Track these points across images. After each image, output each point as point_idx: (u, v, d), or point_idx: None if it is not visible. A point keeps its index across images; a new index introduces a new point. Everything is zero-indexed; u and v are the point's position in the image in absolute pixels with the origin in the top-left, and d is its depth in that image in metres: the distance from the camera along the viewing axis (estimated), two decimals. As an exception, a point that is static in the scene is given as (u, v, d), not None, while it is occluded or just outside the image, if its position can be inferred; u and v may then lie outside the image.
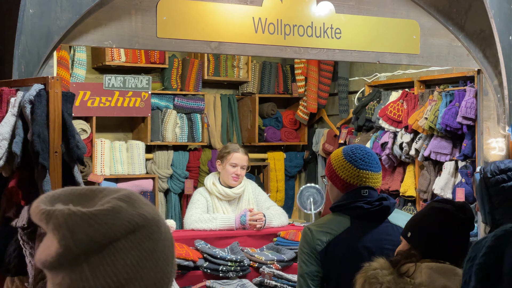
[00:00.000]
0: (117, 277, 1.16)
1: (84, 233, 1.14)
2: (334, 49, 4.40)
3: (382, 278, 2.06)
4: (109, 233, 1.16)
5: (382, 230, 2.94)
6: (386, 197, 2.99)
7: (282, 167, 7.50)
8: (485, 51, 4.79)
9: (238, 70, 7.18)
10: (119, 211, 1.18)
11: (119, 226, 1.17)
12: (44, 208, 1.17)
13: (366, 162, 2.99)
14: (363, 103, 6.46)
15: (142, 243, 1.19)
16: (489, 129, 5.00)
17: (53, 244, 1.15)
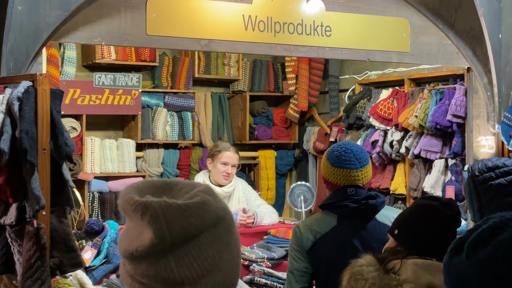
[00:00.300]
0: (200, 268, 1.19)
1: (179, 225, 1.18)
2: (324, 47, 4.40)
3: (367, 274, 2.06)
4: (200, 225, 1.20)
5: (369, 228, 2.95)
6: (374, 195, 2.99)
7: (273, 165, 7.50)
8: (475, 49, 4.80)
9: (229, 68, 7.17)
10: (208, 204, 1.22)
11: (207, 219, 1.21)
12: (139, 199, 1.21)
13: (342, 160, 3.00)
14: (353, 101, 6.47)
15: (222, 236, 1.24)
16: (479, 127, 5.01)
17: (146, 234, 1.18)
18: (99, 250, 4.09)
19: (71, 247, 2.99)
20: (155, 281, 1.19)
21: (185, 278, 1.19)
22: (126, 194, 1.25)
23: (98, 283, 3.92)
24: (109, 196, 6.40)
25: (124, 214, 1.25)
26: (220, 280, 1.23)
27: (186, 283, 1.19)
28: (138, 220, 1.20)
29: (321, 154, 7.24)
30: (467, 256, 1.41)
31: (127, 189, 1.27)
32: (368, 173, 3.05)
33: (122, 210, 1.25)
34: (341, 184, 2.99)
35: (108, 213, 6.34)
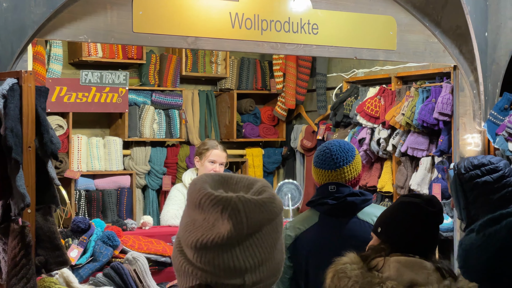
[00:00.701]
0: (260, 257, 1.32)
1: (256, 218, 1.31)
2: (311, 45, 4.40)
3: (351, 272, 2.07)
4: (269, 218, 1.33)
5: (349, 226, 2.96)
6: (358, 193, 2.99)
7: (260, 163, 7.50)
8: (461, 47, 4.82)
9: (216, 66, 7.16)
10: (275, 199, 1.35)
11: (274, 212, 1.35)
12: (219, 194, 1.31)
13: (321, 160, 3.03)
14: (341, 99, 6.48)
15: (278, 227, 1.37)
16: (465, 125, 5.03)
17: (224, 226, 1.29)
18: (85, 248, 4.07)
19: (57, 245, 2.98)
20: (219, 269, 1.29)
21: (248, 266, 1.30)
22: (201, 189, 1.33)
23: (85, 281, 3.90)
24: (96, 194, 6.37)
25: (196, 207, 1.33)
26: (273, 267, 1.36)
27: (248, 271, 1.31)
28: (215, 213, 1.30)
29: (308, 152, 7.25)
30: (477, 233, 1.53)
31: (199, 184, 1.35)
32: (347, 172, 3.03)
33: (197, 204, 1.32)
34: (321, 183, 3.03)
35: (95, 211, 6.32)
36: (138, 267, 3.92)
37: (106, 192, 6.42)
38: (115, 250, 4.13)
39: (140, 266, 3.94)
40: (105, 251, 4.06)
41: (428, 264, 2.11)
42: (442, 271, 2.10)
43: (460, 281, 2.08)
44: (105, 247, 4.08)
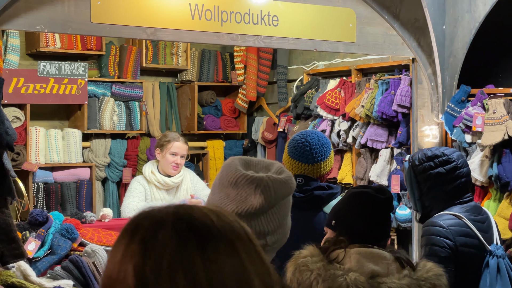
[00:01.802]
0: (277, 223, 1.72)
1: (280, 194, 1.72)
2: (272, 37, 4.40)
3: (312, 265, 2.08)
4: (288, 193, 1.75)
5: (314, 219, 2.97)
6: (325, 187, 3.00)
7: (221, 155, 7.49)
8: (419, 40, 4.87)
9: (177, 58, 7.12)
10: (291, 177, 1.77)
11: (292, 188, 1.76)
12: (252, 175, 1.71)
13: (298, 153, 3.01)
14: (301, 91, 6.50)
15: (289, 201, 1.80)
16: (423, 117, 5.10)
17: (257, 199, 1.67)
18: (43, 242, 4.02)
19: (13, 237, 2.94)
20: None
21: (269, 229, 1.71)
22: (236, 171, 1.71)
23: (42, 274, 3.85)
24: (55, 187, 6.29)
25: (231, 184, 1.70)
26: (285, 230, 1.79)
27: (269, 233, 1.71)
28: (249, 189, 1.68)
29: (269, 144, 7.26)
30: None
31: (233, 167, 1.73)
32: (323, 167, 3.05)
33: (233, 182, 1.69)
34: (295, 174, 3.01)
35: (54, 204, 6.24)
36: (97, 260, 3.88)
37: (65, 185, 6.35)
38: (73, 243, 4.08)
39: (99, 258, 3.90)
40: (64, 244, 4.01)
41: (387, 255, 2.13)
42: (401, 261, 2.13)
43: (418, 270, 2.11)
44: (64, 240, 4.03)
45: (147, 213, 1.07)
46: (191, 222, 1.02)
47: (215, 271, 0.98)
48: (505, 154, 4.72)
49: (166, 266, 0.97)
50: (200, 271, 0.97)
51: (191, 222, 1.02)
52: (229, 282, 0.99)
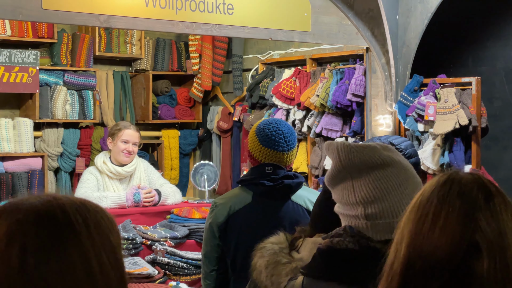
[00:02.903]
0: (369, 194, 1.73)
1: (347, 158, 1.76)
2: (227, 25, 4.38)
3: (267, 251, 2.08)
4: (365, 161, 1.75)
5: (282, 208, 2.97)
6: (292, 176, 3.00)
7: (176, 145, 7.45)
8: (373, 29, 4.91)
9: (131, 47, 7.04)
10: (374, 149, 1.78)
11: (372, 158, 1.76)
12: (329, 141, 1.84)
13: (272, 141, 2.98)
14: (256, 81, 6.50)
15: (390, 177, 1.75)
16: (377, 106, 5.15)
17: (334, 164, 1.79)
18: (-6, 233, 3.94)
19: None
20: (340, 202, 1.79)
21: (359, 200, 1.74)
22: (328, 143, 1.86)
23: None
24: (5, 177, 6.17)
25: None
26: (386, 207, 1.73)
27: (360, 204, 1.74)
28: (332, 155, 1.81)
29: (224, 133, 7.25)
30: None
31: (339, 142, 1.85)
32: (293, 155, 3.06)
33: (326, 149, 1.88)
34: (265, 162, 2.98)
35: (4, 195, 6.12)
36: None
37: (16, 175, 6.23)
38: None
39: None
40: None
41: None
42: None
43: None
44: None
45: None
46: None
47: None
48: (456, 143, 4.80)
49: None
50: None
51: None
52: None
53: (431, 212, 1.26)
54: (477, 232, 1.20)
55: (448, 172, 1.33)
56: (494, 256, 1.18)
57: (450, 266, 1.20)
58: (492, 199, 1.23)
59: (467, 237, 1.20)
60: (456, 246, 1.20)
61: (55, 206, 1.06)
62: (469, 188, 1.26)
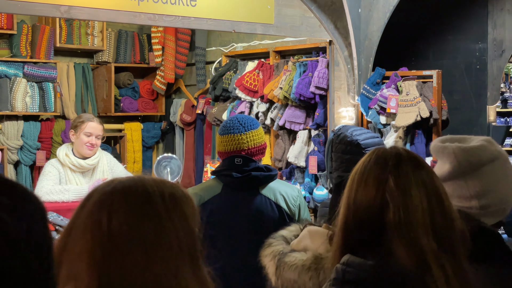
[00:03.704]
0: (482, 188, 1.91)
1: (466, 160, 1.90)
2: (190, 17, 4.36)
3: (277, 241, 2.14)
4: (478, 160, 1.91)
5: (250, 199, 2.98)
6: (263, 168, 3.01)
7: (139, 137, 7.40)
8: (336, 22, 4.93)
9: (93, 38, 6.96)
10: (484, 147, 1.94)
11: (484, 156, 1.92)
12: (440, 145, 1.97)
13: (227, 127, 3.04)
14: (220, 73, 6.48)
15: (498, 169, 1.94)
16: (340, 99, 5.18)
17: (446, 166, 1.93)
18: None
19: None
20: (451, 196, 1.75)
21: (473, 194, 1.91)
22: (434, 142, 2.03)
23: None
24: (-36, 171, 6.06)
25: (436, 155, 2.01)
26: (497, 196, 1.92)
27: (473, 198, 1.91)
28: (442, 157, 1.96)
29: (188, 126, 7.22)
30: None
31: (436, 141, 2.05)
32: (254, 136, 3.06)
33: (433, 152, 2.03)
34: (228, 151, 3.02)
35: (-37, 189, 6.00)
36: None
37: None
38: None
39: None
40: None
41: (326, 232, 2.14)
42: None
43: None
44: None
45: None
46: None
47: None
48: (418, 135, 4.86)
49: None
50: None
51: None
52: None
53: (356, 179, 1.63)
54: (386, 191, 1.57)
55: (375, 148, 1.70)
56: (398, 208, 1.54)
57: (370, 217, 1.56)
58: (401, 164, 1.60)
59: (379, 195, 1.57)
60: (372, 202, 1.57)
61: (136, 181, 1.28)
62: (383, 157, 1.64)
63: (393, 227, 1.53)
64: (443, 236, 1.54)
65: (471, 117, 5.68)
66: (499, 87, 5.89)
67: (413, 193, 1.55)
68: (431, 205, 1.56)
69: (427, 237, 1.52)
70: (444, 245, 1.54)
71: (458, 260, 1.55)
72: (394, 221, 1.54)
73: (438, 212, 1.57)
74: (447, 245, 1.54)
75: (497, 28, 5.71)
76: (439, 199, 1.59)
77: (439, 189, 1.61)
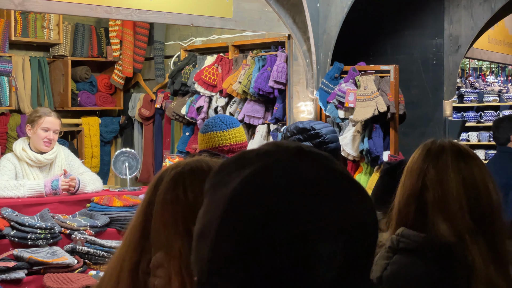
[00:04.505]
0: None
1: None
2: (147, 10, 4.32)
3: None
4: None
5: None
6: None
7: (97, 132, 7.32)
8: (294, 17, 4.94)
9: (49, 32, 6.85)
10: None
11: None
12: None
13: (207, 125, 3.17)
14: (179, 68, 6.45)
15: None
16: (298, 93, 5.19)
17: None
18: None
19: None
20: None
21: None
22: None
23: None
24: None
25: None
26: None
27: None
28: None
29: (146, 121, 7.17)
30: None
31: None
32: (237, 134, 3.13)
33: None
34: (209, 147, 3.10)
35: None
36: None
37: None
38: None
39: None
40: None
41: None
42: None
43: None
44: None
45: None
46: None
47: None
48: (375, 129, 4.90)
49: None
50: None
51: None
52: None
53: (406, 169, 1.91)
54: (426, 176, 1.84)
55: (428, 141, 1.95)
56: (435, 190, 1.80)
57: (415, 199, 1.84)
58: (442, 154, 1.85)
59: (420, 180, 1.85)
60: (415, 186, 1.84)
61: (201, 161, 1.47)
62: (426, 149, 1.89)
63: (432, 205, 1.81)
64: (479, 217, 1.77)
65: (427, 112, 5.75)
66: (455, 82, 5.98)
67: (449, 178, 1.81)
68: (467, 189, 1.80)
69: (462, 214, 1.77)
70: (480, 224, 1.76)
71: (494, 238, 1.77)
72: (434, 199, 1.81)
73: (473, 196, 1.80)
74: (483, 224, 1.77)
75: (453, 23, 5.80)
76: (475, 185, 1.81)
77: (474, 177, 1.82)
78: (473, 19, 5.82)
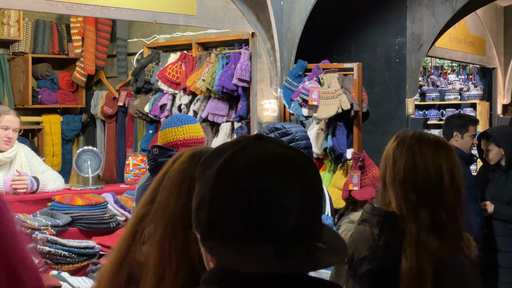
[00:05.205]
0: None
1: None
2: (109, 7, 4.26)
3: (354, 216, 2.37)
4: None
5: None
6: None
7: (58, 130, 7.22)
8: (258, 15, 4.93)
9: (9, 28, 6.73)
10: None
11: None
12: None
13: (165, 123, 3.33)
14: (142, 65, 6.39)
15: None
16: (262, 91, 5.19)
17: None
18: None
19: None
20: None
21: None
22: None
23: None
24: None
25: None
26: None
27: None
28: None
29: (109, 119, 7.09)
30: None
31: None
32: (191, 130, 3.23)
33: None
34: (165, 143, 3.22)
35: None
36: None
37: None
38: None
39: None
40: None
41: None
42: None
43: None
44: None
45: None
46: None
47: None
48: (339, 127, 4.93)
49: None
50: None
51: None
52: None
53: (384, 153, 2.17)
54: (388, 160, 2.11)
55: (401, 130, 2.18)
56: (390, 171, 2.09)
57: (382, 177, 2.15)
58: (403, 142, 2.08)
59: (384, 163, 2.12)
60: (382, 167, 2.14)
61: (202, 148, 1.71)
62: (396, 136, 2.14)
63: (388, 184, 2.08)
64: (426, 194, 2.01)
65: (390, 110, 5.80)
66: (418, 80, 6.04)
67: (402, 160, 2.05)
68: (417, 171, 2.04)
69: (406, 191, 2.02)
70: (425, 199, 2.00)
71: (439, 211, 2.00)
72: (389, 179, 2.07)
73: (422, 176, 2.03)
74: (428, 199, 2.00)
75: (415, 22, 5.85)
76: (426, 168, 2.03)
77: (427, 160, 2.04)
78: (434, 18, 5.89)
